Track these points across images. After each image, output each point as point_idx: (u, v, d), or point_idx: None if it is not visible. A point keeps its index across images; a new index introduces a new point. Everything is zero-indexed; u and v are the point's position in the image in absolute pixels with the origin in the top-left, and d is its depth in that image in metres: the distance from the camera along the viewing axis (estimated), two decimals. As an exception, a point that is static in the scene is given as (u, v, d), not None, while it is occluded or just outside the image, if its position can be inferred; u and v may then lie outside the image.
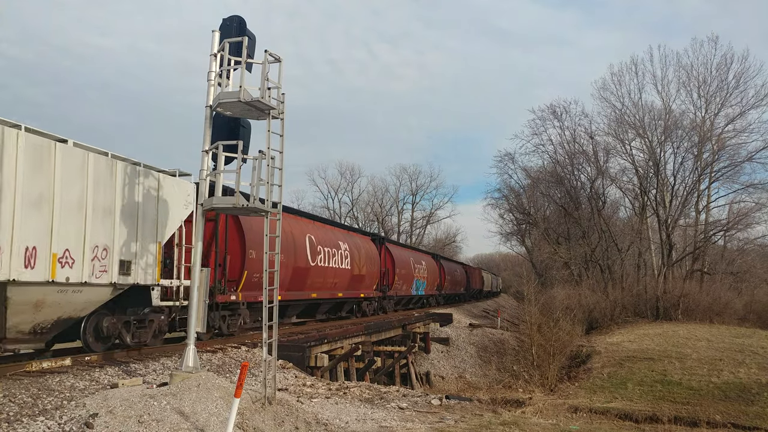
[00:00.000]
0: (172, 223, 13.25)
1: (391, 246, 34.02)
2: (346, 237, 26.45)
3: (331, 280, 23.36)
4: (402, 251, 37.06)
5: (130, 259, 11.95)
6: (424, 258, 42.45)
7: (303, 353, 15.52)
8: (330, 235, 24.32)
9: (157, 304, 12.92)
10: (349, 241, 26.21)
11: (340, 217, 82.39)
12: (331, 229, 25.81)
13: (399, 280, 33.17)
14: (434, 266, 44.80)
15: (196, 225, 9.71)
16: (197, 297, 9.27)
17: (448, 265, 52.75)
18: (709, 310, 36.57)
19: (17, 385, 9.08)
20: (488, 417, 11.76)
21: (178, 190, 13.46)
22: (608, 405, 17.88)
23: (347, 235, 27.07)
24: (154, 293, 12.74)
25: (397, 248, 36.67)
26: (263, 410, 8.63)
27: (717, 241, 46.20)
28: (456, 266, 59.14)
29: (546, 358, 24.58)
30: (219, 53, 9.54)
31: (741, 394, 18.70)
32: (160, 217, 12.79)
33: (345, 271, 24.70)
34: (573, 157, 50.52)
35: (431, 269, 42.94)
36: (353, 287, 26.14)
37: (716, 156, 42.77)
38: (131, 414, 7.67)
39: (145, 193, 12.35)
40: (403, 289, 34.67)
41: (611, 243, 47.25)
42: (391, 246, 34.48)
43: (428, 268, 41.68)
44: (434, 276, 43.94)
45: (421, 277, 38.98)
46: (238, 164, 9.23)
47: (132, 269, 11.96)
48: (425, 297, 42.28)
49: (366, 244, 29.03)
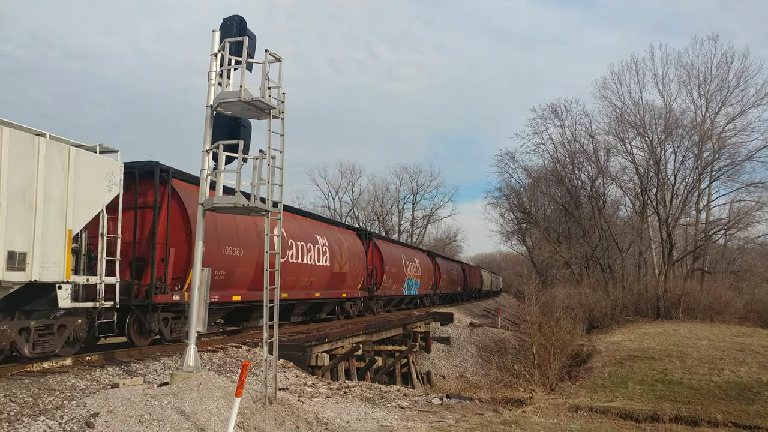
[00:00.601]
0: (89, 208, 11.16)
1: (379, 242, 31.91)
2: (325, 231, 23.90)
3: (306, 278, 21.20)
4: (392, 248, 35.05)
5: (25, 250, 9.75)
6: (417, 255, 40.41)
7: (304, 353, 15.52)
8: (307, 228, 22.09)
9: (66, 306, 10.76)
10: (329, 236, 23.78)
11: (341, 216, 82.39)
12: (308, 222, 23.36)
13: (388, 279, 31.37)
14: (429, 264, 42.92)
15: (197, 225, 9.70)
16: (198, 297, 9.27)
17: (444, 263, 50.67)
18: (709, 309, 36.58)
19: (18, 384, 9.08)
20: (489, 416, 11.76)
21: (97, 168, 11.34)
22: (609, 404, 17.87)
23: (327, 230, 24.49)
24: (61, 293, 10.53)
25: (387, 244, 34.39)
26: (264, 410, 8.63)
27: (718, 240, 46.21)
28: (453, 264, 57.51)
29: (547, 358, 24.58)
30: (219, 53, 9.54)
31: (742, 393, 18.69)
32: (71, 199, 10.66)
33: (323, 269, 22.42)
34: (573, 156, 50.54)
35: (426, 267, 41.05)
36: (333, 286, 23.84)
37: (717, 155, 42.78)
38: (132, 413, 7.67)
39: (47, 168, 10.21)
40: (394, 288, 32.97)
41: (612, 242, 47.23)
42: (380, 242, 32.31)
43: (422, 267, 39.71)
44: (429, 274, 41.89)
45: (414, 275, 37.09)
46: (239, 164, 9.23)
47: (27, 263, 9.77)
48: (419, 297, 40.39)
49: (350, 240, 26.47)
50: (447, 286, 49.70)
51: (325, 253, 22.65)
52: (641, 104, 44.57)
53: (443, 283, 47.49)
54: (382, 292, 30.97)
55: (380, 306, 31.22)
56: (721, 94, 43.38)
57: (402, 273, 34.40)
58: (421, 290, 39.62)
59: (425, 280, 40.57)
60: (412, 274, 36.54)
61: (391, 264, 31.90)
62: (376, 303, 30.13)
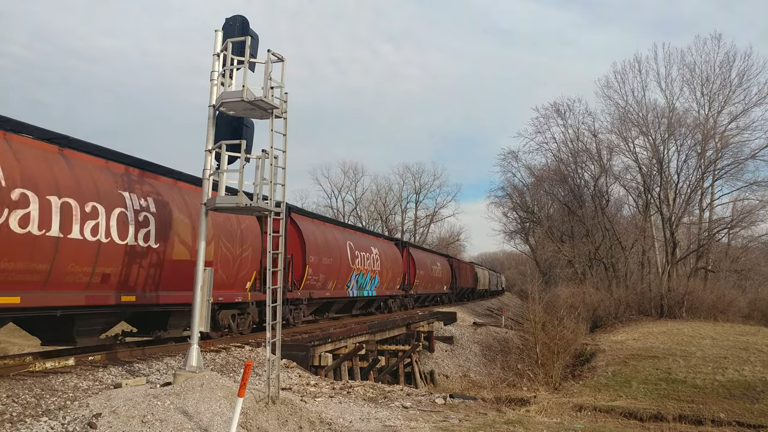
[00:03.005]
0: None
1: (300, 219, 21.50)
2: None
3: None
4: (324, 229, 23.51)
5: None
6: (377, 244, 29.51)
7: (307, 352, 15.49)
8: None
9: None
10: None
11: (344, 216, 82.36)
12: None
13: (315, 275, 21.23)
14: (396, 256, 32.08)
15: (201, 224, 9.70)
16: (200, 296, 9.27)
17: (421, 255, 39.36)
18: (713, 307, 36.51)
19: (20, 385, 9.08)
20: (492, 416, 11.73)
21: None
22: (613, 403, 17.82)
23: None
24: None
25: (311, 223, 22.58)
26: (267, 410, 8.61)
27: (721, 238, 46.13)
28: (436, 258, 45.59)
29: (550, 357, 24.52)
30: (222, 53, 9.53)
31: (746, 392, 18.63)
32: None
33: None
34: (576, 155, 50.44)
35: (389, 260, 30.16)
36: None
37: (720, 154, 42.69)
38: (135, 414, 7.66)
39: None
40: (330, 287, 22.77)
41: (615, 241, 47.12)
42: (301, 219, 21.62)
43: (384, 259, 29.14)
44: (396, 269, 31.46)
45: (369, 270, 26.73)
46: (242, 163, 9.22)
47: None
48: (378, 299, 29.47)
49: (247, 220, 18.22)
50: (426, 284, 39.40)
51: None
52: (644, 103, 44.56)
53: (420, 281, 37.08)
54: (307, 293, 21.05)
55: (300, 317, 20.57)
56: (724, 92, 43.38)
57: (344, 267, 24.08)
58: (384, 290, 29.28)
59: (389, 277, 29.90)
60: (364, 267, 26.14)
61: (318, 252, 21.65)
62: (296, 311, 20.30)
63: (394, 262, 30.98)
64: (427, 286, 39.33)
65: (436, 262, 43.50)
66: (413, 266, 34.73)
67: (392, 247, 32.55)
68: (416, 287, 35.74)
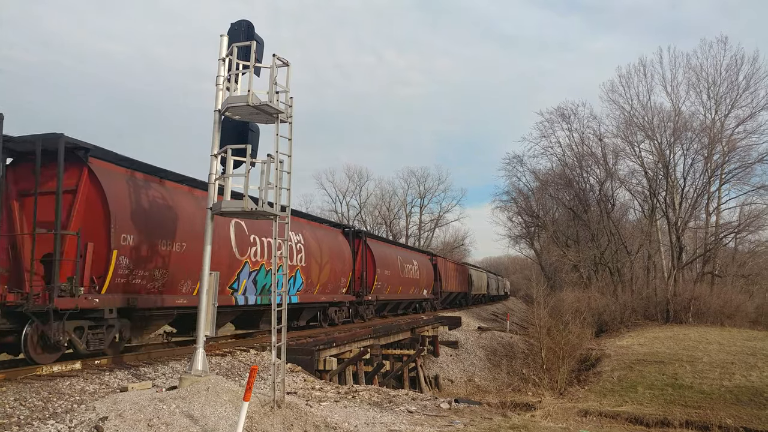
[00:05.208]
0: None
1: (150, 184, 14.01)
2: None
3: None
4: None
5: None
6: (305, 229, 20.48)
7: (312, 357, 15.50)
8: None
9: None
10: None
11: (348, 219, 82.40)
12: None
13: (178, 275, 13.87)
14: (343, 252, 23.25)
15: (206, 228, 9.73)
16: (206, 300, 9.29)
17: (386, 251, 29.78)
18: (720, 312, 36.31)
19: (28, 388, 9.12)
20: (498, 420, 11.71)
21: None
22: (618, 409, 17.77)
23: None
24: None
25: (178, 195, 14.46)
26: (272, 414, 8.62)
27: (728, 243, 45.84)
28: (411, 255, 35.42)
29: (555, 362, 24.47)
30: (227, 57, 9.58)
31: (753, 398, 18.52)
32: None
33: None
34: (581, 159, 50.34)
35: (333, 255, 21.84)
36: None
37: (726, 158, 42.47)
38: (141, 417, 7.69)
39: None
40: None
41: (621, 245, 46.97)
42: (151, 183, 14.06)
43: (325, 253, 21.06)
44: (343, 267, 22.90)
45: (295, 265, 18.70)
46: (247, 168, 9.25)
47: None
48: (298, 306, 19.45)
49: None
50: (397, 288, 30.47)
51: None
52: (650, 107, 44.40)
53: (383, 283, 27.87)
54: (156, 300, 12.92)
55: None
56: (731, 96, 43.18)
57: (241, 261, 15.85)
58: (317, 295, 20.59)
59: (331, 278, 21.62)
60: (266, 261, 16.99)
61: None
62: None
63: (342, 260, 22.86)
64: (396, 290, 30.02)
65: (411, 260, 34.15)
66: (371, 263, 26.42)
67: (336, 237, 23.59)
68: (377, 291, 26.95)
